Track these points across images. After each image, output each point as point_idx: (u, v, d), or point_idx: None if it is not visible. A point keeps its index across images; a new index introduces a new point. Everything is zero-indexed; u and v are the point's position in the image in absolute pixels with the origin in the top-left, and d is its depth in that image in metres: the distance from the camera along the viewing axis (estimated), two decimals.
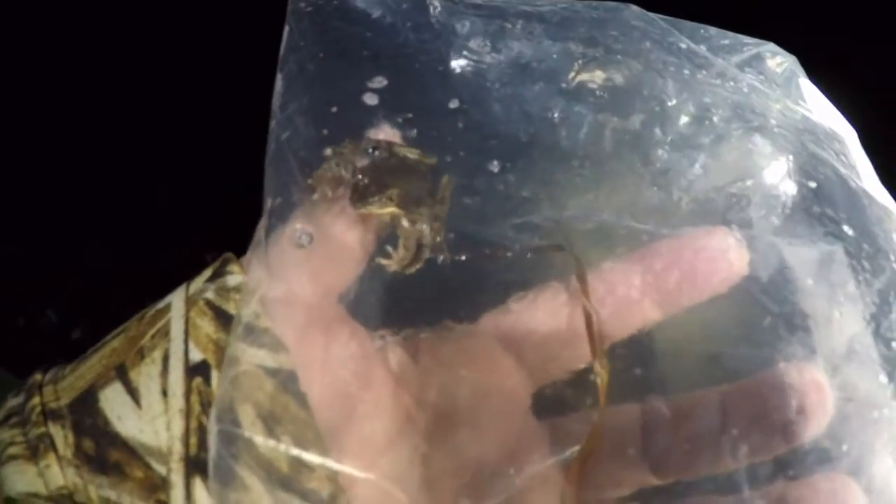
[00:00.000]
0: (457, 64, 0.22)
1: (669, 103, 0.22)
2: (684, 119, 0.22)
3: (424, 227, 0.20)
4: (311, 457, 0.19)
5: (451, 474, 0.21)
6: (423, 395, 0.21)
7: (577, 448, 0.19)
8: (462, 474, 0.21)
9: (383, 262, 0.20)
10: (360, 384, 0.20)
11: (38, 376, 0.21)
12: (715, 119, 0.22)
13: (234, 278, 0.21)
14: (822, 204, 0.21)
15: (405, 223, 0.20)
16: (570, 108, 0.22)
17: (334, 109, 0.20)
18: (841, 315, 0.19)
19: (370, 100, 0.21)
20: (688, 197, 0.22)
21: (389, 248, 0.21)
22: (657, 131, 0.22)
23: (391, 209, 0.19)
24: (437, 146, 0.22)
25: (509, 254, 0.21)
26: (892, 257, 0.20)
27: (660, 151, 0.22)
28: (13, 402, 0.20)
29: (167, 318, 0.20)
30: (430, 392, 0.21)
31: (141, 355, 0.20)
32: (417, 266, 0.20)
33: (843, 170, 0.21)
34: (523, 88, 0.22)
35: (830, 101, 0.22)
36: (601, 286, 0.22)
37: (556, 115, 0.22)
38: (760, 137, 0.22)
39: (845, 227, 0.21)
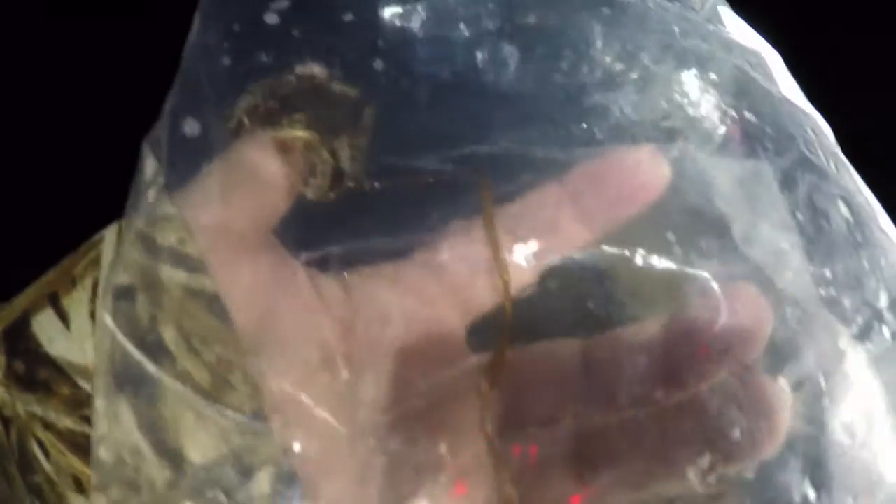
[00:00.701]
0: (383, 9, 0.22)
1: (598, 44, 0.22)
2: (613, 59, 0.22)
3: (343, 155, 0.21)
4: (234, 376, 0.20)
5: (380, 400, 0.21)
6: (353, 323, 0.22)
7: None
8: (391, 400, 0.21)
9: (303, 189, 0.21)
10: (287, 310, 0.21)
11: None
12: (644, 58, 0.22)
13: (163, 209, 0.21)
14: (753, 127, 0.21)
15: (323, 152, 0.21)
16: (499, 48, 0.22)
17: (253, 42, 0.21)
18: (770, 227, 0.19)
19: (291, 31, 0.21)
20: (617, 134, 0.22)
21: (310, 178, 0.21)
22: (585, 70, 0.22)
23: (300, 133, 0.20)
24: (361, 82, 0.22)
25: (430, 180, 0.22)
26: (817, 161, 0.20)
27: (588, 90, 0.22)
28: None
29: (99, 249, 0.21)
30: (360, 321, 0.22)
31: (73, 283, 0.21)
32: (337, 193, 0.21)
33: (769, 87, 0.21)
34: (450, 29, 0.22)
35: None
36: (527, 211, 0.22)
37: (484, 55, 0.22)
38: (689, 71, 0.22)
39: (769, 143, 0.21)
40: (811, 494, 0.19)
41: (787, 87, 0.22)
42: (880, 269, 0.18)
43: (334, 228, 0.21)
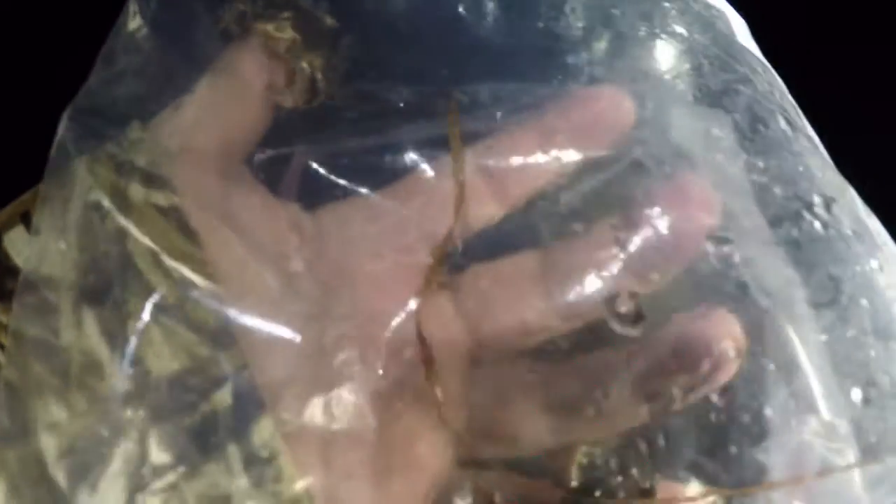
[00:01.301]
0: None
1: (576, 5, 0.23)
2: (589, 21, 0.23)
3: (320, 71, 0.21)
4: (199, 292, 0.20)
5: (345, 326, 0.21)
6: (320, 249, 0.22)
7: None
8: (356, 325, 0.21)
9: (279, 99, 0.21)
10: (255, 234, 0.21)
11: None
12: (620, 23, 0.23)
13: (136, 132, 0.22)
14: (717, 83, 0.21)
15: (303, 61, 0.21)
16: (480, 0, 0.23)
17: None
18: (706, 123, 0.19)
19: None
20: None
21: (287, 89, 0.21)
22: (560, 29, 0.23)
23: (286, 34, 0.20)
24: (344, 12, 0.22)
25: (401, 104, 0.22)
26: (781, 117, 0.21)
27: (563, 49, 0.22)
28: None
29: (73, 171, 0.21)
30: (328, 246, 0.22)
31: (44, 202, 0.21)
32: (311, 104, 0.21)
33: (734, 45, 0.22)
34: None
35: None
36: (499, 146, 0.22)
37: (465, 4, 0.23)
38: (663, 40, 0.22)
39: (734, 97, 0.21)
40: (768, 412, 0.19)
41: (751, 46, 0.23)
42: (814, 177, 0.19)
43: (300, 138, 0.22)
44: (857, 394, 0.18)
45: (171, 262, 0.20)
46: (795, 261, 0.19)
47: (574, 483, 0.20)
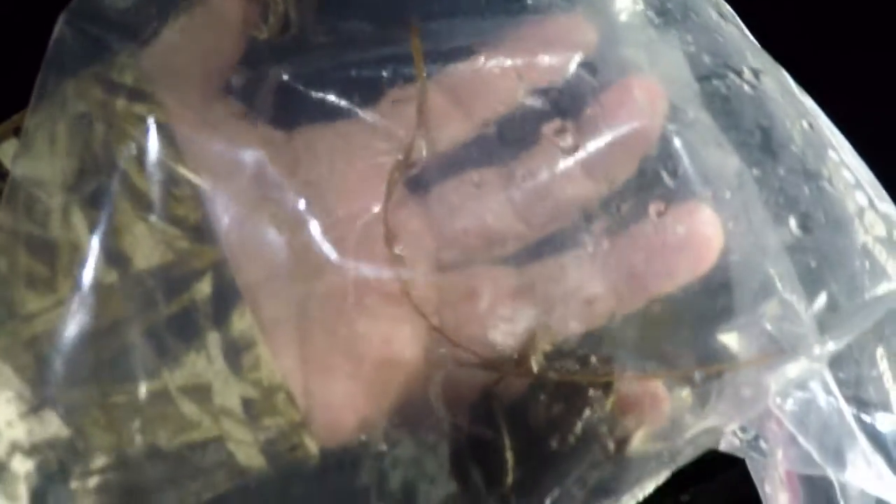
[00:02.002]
0: None
1: None
2: None
3: (292, 5, 0.22)
4: (180, 191, 0.21)
5: (318, 228, 0.22)
6: (293, 162, 0.23)
7: None
8: (328, 227, 0.22)
9: (254, 31, 0.22)
10: (232, 146, 0.22)
11: None
12: None
13: (122, 57, 0.23)
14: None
15: None
16: None
17: None
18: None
19: None
20: None
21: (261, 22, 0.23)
22: None
23: None
24: None
25: (368, 34, 0.23)
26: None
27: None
28: None
29: (62, 87, 0.22)
30: (301, 160, 0.23)
31: (35, 113, 0.22)
32: (283, 35, 0.22)
33: None
34: None
35: None
36: (466, 68, 0.24)
37: None
38: None
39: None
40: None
41: None
42: (744, 54, 0.20)
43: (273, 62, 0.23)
44: (793, 222, 0.20)
45: (155, 168, 0.21)
46: (724, 112, 0.20)
47: (537, 370, 0.21)
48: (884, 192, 0.20)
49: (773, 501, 0.25)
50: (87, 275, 0.20)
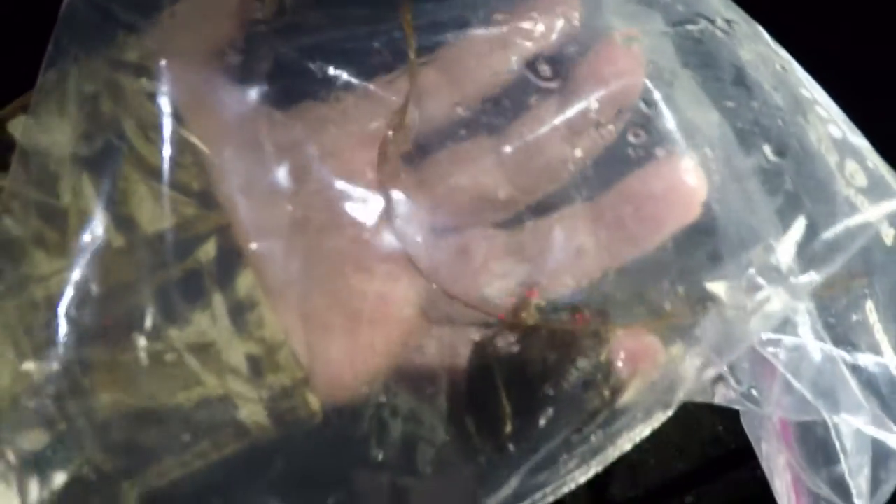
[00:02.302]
0: None
1: None
2: None
3: None
4: (184, 158, 0.22)
5: (316, 198, 0.23)
6: (290, 136, 0.24)
7: None
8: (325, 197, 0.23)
9: (251, 14, 0.24)
10: (231, 121, 0.23)
11: None
12: None
13: (128, 37, 0.24)
14: None
15: None
16: None
17: None
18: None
19: None
20: None
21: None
22: None
23: None
24: None
25: (362, 17, 0.24)
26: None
27: None
28: None
29: (69, 65, 0.23)
30: (297, 133, 0.24)
31: (43, 88, 0.23)
32: (282, 18, 0.23)
33: None
34: None
35: None
36: (457, 45, 0.25)
37: None
38: None
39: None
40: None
41: None
42: (718, 8, 0.21)
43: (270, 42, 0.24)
44: (768, 148, 0.20)
45: (159, 138, 0.22)
46: (697, 52, 0.21)
47: (530, 322, 0.22)
48: (856, 129, 0.21)
49: (771, 457, 0.26)
50: (97, 239, 0.21)
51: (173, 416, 0.21)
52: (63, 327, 0.21)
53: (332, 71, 0.24)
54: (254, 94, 0.24)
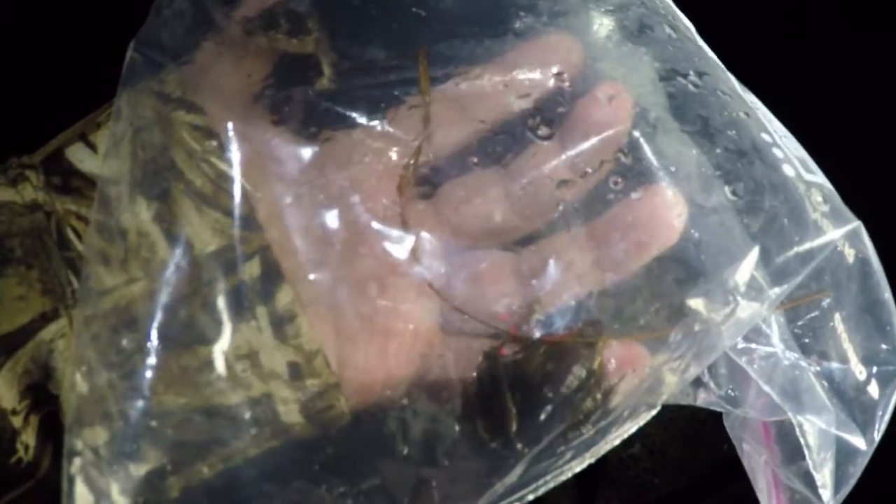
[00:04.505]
0: None
1: None
2: None
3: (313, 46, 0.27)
4: (230, 186, 0.25)
5: (343, 224, 0.27)
6: (319, 167, 0.27)
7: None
8: (352, 223, 0.26)
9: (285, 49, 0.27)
10: (269, 153, 0.26)
11: (13, 159, 0.27)
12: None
13: (172, 73, 0.27)
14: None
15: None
16: None
17: None
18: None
19: None
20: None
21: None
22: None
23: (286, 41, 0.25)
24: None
25: (385, 61, 0.27)
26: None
27: (511, 17, 0.27)
28: None
29: (121, 100, 0.27)
30: (326, 166, 0.27)
31: (97, 126, 0.26)
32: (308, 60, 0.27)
33: None
34: None
35: None
36: (467, 80, 0.28)
37: None
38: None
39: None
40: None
41: None
42: (691, 59, 0.24)
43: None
44: (727, 189, 0.24)
45: (207, 165, 0.25)
46: (672, 107, 0.24)
47: (532, 335, 0.25)
48: (813, 167, 0.24)
49: (752, 456, 0.29)
50: (154, 256, 0.24)
51: (222, 415, 0.24)
52: (125, 336, 0.24)
53: (355, 114, 0.27)
54: (285, 128, 0.27)
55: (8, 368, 0.22)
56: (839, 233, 0.23)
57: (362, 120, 0.27)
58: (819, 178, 0.24)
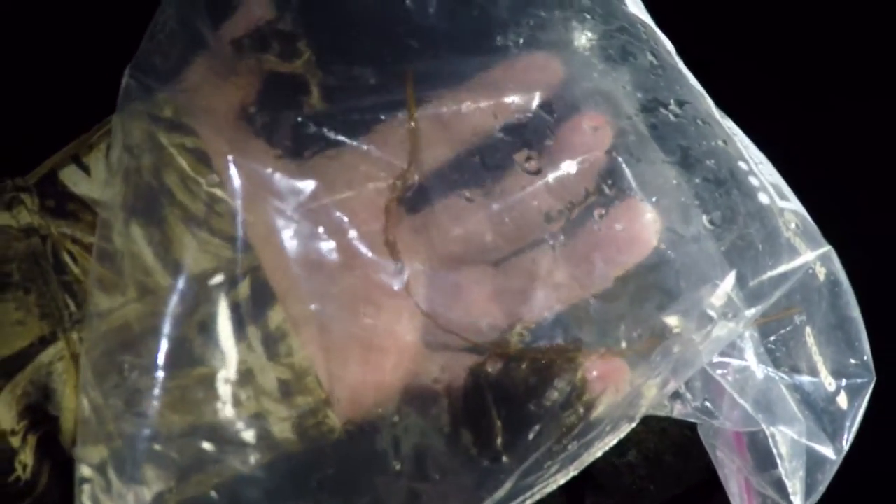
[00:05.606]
0: None
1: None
2: (512, 14, 0.29)
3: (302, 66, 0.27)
4: (221, 207, 0.26)
5: (331, 244, 0.27)
6: (306, 188, 0.28)
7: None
8: (340, 243, 0.27)
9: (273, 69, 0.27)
10: (258, 175, 0.27)
11: (8, 182, 0.27)
12: (540, 16, 0.29)
13: (162, 95, 0.27)
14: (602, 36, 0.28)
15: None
16: None
17: None
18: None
19: None
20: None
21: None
22: (489, 18, 0.29)
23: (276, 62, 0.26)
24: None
25: (371, 81, 0.28)
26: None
27: (492, 33, 0.28)
28: None
29: (109, 124, 0.27)
30: (314, 187, 0.28)
31: (90, 147, 0.27)
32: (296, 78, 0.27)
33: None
34: None
35: None
36: (450, 100, 0.29)
37: None
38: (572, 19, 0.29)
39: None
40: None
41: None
42: (672, 88, 0.25)
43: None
44: (705, 218, 0.25)
45: (197, 188, 0.26)
46: (654, 137, 0.25)
47: (515, 350, 0.26)
48: (788, 192, 0.26)
49: (725, 463, 0.30)
50: (147, 279, 0.25)
51: (215, 433, 0.24)
52: (122, 359, 0.24)
53: (342, 137, 0.27)
54: (274, 150, 0.27)
55: (7, 391, 0.23)
56: (811, 256, 0.24)
57: (350, 142, 0.27)
58: (793, 203, 0.25)
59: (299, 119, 0.27)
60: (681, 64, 0.27)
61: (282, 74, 0.27)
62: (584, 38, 0.27)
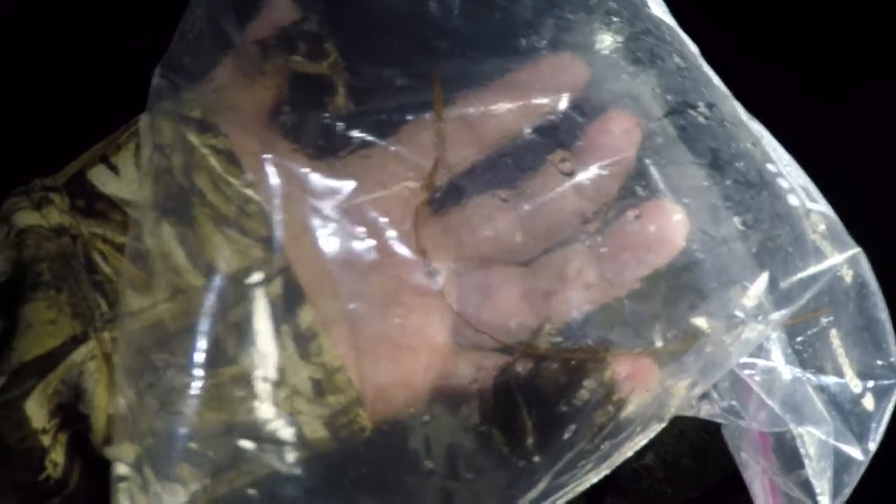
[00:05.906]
0: None
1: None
2: (536, 14, 0.29)
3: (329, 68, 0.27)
4: (250, 207, 0.26)
5: (361, 243, 0.27)
6: (335, 188, 0.28)
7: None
8: (370, 242, 0.27)
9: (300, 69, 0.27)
10: (288, 174, 0.27)
11: (36, 182, 0.27)
12: (565, 17, 0.29)
13: (189, 94, 0.27)
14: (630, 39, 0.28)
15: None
16: None
17: None
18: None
19: None
20: None
21: None
22: (514, 19, 0.29)
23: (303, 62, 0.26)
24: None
25: (398, 83, 0.28)
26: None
27: (515, 33, 0.28)
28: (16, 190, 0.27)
29: (137, 124, 0.27)
30: (342, 185, 0.28)
31: (118, 147, 0.27)
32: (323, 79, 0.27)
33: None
34: None
35: None
36: (477, 100, 0.29)
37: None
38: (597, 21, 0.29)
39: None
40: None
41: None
42: (700, 90, 0.26)
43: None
44: (737, 220, 0.25)
45: (227, 188, 0.26)
46: (683, 139, 0.25)
47: (544, 350, 0.26)
48: (817, 194, 0.26)
49: (749, 464, 0.30)
50: (179, 278, 0.25)
51: (250, 431, 0.24)
52: (155, 356, 0.24)
53: (369, 137, 0.27)
54: (303, 150, 0.27)
55: (39, 390, 0.23)
56: (840, 258, 0.24)
57: (378, 142, 0.27)
58: (822, 206, 0.25)
59: (327, 120, 0.27)
60: (706, 66, 0.27)
61: (309, 75, 0.27)
62: (610, 41, 0.27)
